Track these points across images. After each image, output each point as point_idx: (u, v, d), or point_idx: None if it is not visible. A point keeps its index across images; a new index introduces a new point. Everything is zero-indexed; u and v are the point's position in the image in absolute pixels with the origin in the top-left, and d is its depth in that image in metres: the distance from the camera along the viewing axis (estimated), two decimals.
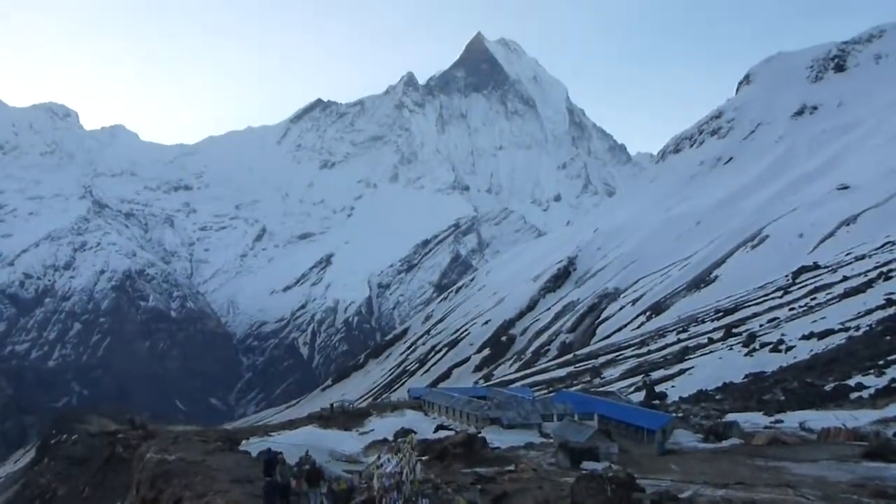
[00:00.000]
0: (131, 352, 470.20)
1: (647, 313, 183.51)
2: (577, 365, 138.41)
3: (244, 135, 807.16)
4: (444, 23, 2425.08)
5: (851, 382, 61.85)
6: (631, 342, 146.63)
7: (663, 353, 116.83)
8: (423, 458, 37.95)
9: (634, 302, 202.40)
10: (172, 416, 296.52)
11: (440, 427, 62.42)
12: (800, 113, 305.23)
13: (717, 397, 74.50)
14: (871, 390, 56.87)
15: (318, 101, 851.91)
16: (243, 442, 52.40)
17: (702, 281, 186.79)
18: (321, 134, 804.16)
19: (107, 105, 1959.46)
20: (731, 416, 54.68)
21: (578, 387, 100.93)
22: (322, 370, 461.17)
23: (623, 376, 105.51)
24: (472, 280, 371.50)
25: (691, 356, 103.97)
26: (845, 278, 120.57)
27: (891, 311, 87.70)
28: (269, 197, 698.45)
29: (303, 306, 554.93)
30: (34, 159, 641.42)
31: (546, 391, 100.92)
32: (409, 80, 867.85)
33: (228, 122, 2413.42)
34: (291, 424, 78.81)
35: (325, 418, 75.39)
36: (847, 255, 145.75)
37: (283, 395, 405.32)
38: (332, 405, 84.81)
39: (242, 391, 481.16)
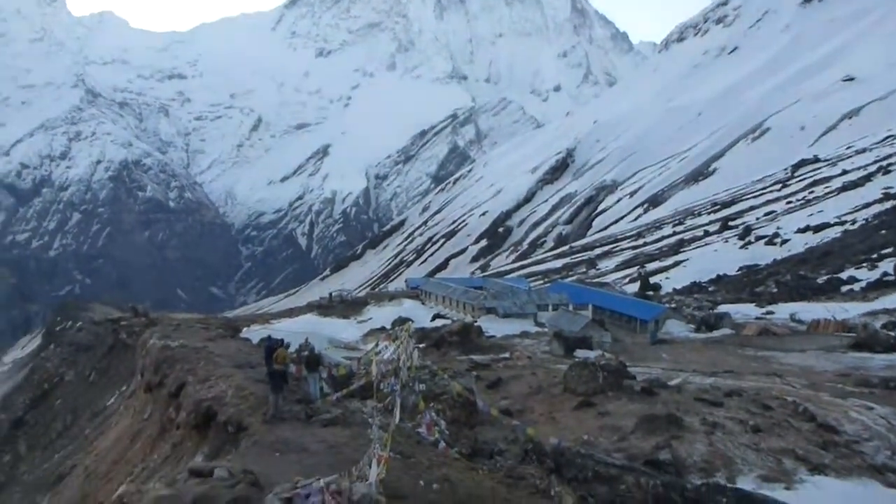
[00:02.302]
0: (131, 241, 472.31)
1: (645, 206, 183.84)
2: (573, 256, 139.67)
3: (237, 21, 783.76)
4: None
5: (844, 275, 62.60)
6: (627, 234, 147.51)
7: (659, 245, 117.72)
8: (421, 345, 38.86)
9: (632, 194, 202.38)
10: (174, 305, 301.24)
11: (437, 316, 63.59)
12: (808, 0, 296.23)
13: (711, 289, 75.57)
14: (863, 283, 57.65)
15: None
16: (244, 329, 53.43)
17: (700, 174, 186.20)
18: (316, 21, 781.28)
19: None
20: (723, 308, 55.63)
21: (574, 278, 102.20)
22: (320, 260, 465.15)
23: (618, 268, 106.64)
24: (469, 171, 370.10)
25: (687, 248, 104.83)
26: (844, 172, 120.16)
27: (888, 205, 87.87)
28: (264, 86, 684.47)
29: (300, 197, 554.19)
30: (23, 46, 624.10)
31: (542, 282, 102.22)
32: None
33: (221, 8, 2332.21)
34: (291, 313, 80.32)
35: (324, 307, 76.73)
36: (848, 148, 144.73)
37: (283, 285, 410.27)
38: (330, 294, 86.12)
39: (242, 280, 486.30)
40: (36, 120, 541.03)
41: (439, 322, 57.00)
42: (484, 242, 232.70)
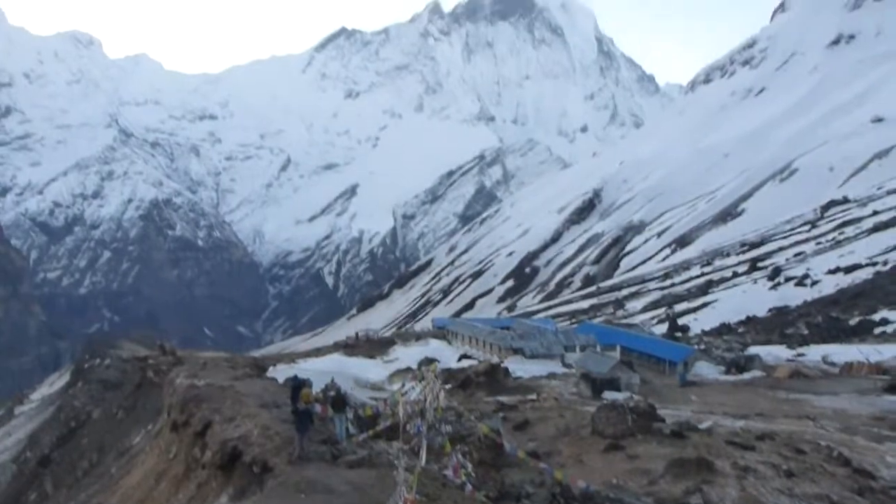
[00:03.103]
0: (160, 280, 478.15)
1: (673, 246, 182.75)
2: (600, 297, 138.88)
3: (268, 64, 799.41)
4: None
5: (876, 317, 61.58)
6: (655, 275, 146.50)
7: (687, 286, 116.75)
8: (447, 386, 38.66)
9: (660, 234, 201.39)
10: (201, 343, 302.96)
11: (464, 356, 63.31)
12: (836, 42, 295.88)
13: (740, 330, 74.61)
14: None
15: (343, 30, 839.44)
16: (270, 368, 53.57)
17: (728, 214, 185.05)
18: (346, 63, 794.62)
19: (129, 34, 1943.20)
20: (753, 349, 54.86)
21: (601, 318, 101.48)
22: (347, 300, 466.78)
23: (646, 309, 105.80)
24: (496, 211, 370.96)
25: (715, 289, 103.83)
26: (875, 213, 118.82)
27: None
28: (293, 126, 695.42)
29: (328, 236, 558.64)
30: (60, 88, 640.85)
31: (569, 322, 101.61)
32: (435, 8, 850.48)
33: (252, 51, 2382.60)
34: (317, 352, 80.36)
35: (351, 346, 76.72)
36: (878, 188, 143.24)
37: (309, 324, 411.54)
38: (357, 334, 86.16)
39: (269, 319, 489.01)
40: (70, 159, 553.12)
41: (466, 362, 56.76)
42: (511, 283, 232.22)
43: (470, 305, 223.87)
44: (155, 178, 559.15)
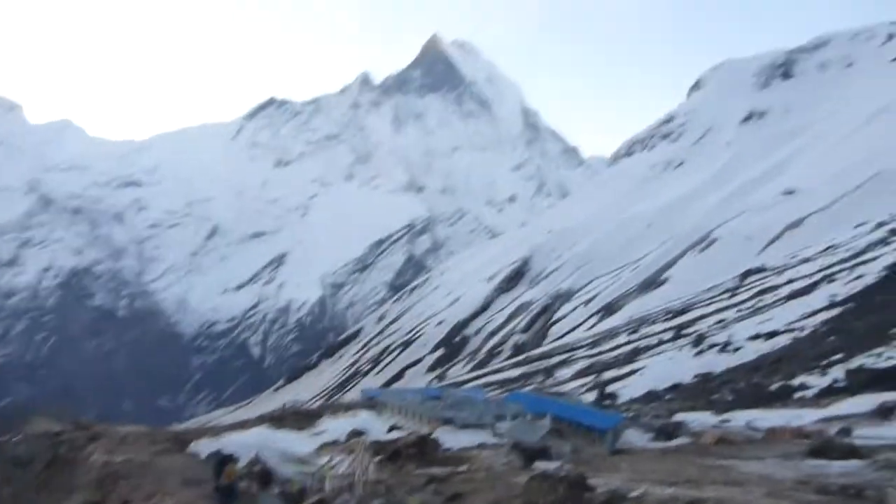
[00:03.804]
0: (77, 351, 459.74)
1: (600, 314, 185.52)
2: (530, 365, 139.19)
3: (197, 131, 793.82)
4: (400, 24, 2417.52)
5: (796, 382, 63.25)
6: (583, 342, 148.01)
7: (615, 353, 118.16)
8: (376, 458, 37.80)
9: (587, 303, 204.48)
10: (119, 417, 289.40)
11: (393, 428, 62.22)
12: (748, 119, 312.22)
13: (667, 397, 75.60)
14: (815, 390, 58.26)
15: (273, 100, 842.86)
16: (193, 443, 51.49)
17: (652, 282, 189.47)
18: (276, 132, 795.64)
19: (54, 100, 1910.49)
20: (680, 416, 55.53)
21: (531, 387, 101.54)
22: (274, 370, 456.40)
23: (575, 377, 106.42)
24: (426, 280, 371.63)
25: (642, 356, 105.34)
26: (791, 280, 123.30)
27: (834, 312, 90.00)
28: (221, 194, 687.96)
29: (255, 306, 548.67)
30: None
31: (499, 392, 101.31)
32: (365, 80, 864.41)
33: (181, 118, 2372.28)
34: (242, 425, 77.75)
35: (277, 419, 74.52)
36: (792, 257, 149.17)
37: (234, 396, 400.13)
38: (284, 406, 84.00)
39: (192, 392, 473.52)
40: None
41: (395, 434, 55.75)
42: (441, 351, 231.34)
43: (399, 375, 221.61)
44: (75, 245, 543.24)
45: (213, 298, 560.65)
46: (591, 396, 79.19)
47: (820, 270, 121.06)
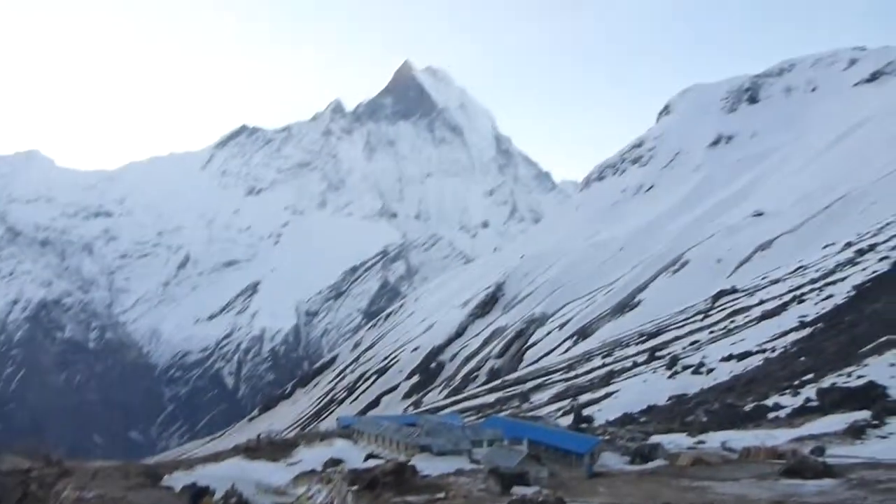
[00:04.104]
0: (46, 384, 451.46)
1: (574, 338, 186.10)
2: (505, 390, 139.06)
3: (167, 160, 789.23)
4: (371, 50, 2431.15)
5: (769, 402, 63.78)
6: (558, 366, 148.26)
7: (590, 376, 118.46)
8: (353, 487, 37.52)
9: (561, 327, 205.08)
10: (90, 452, 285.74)
11: (370, 456, 61.72)
12: (716, 142, 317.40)
13: (642, 419, 75.83)
14: (788, 409, 58.82)
15: (244, 128, 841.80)
16: (166, 477, 50.69)
17: (626, 305, 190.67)
18: (247, 160, 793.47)
19: (19, 130, 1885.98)
20: (655, 438, 55.72)
21: (507, 412, 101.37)
22: (248, 400, 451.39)
23: (551, 400, 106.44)
24: (400, 307, 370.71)
25: (617, 379, 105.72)
26: (762, 301, 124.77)
27: (804, 332, 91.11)
28: (193, 223, 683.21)
29: (228, 335, 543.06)
30: None
31: (475, 417, 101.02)
32: (337, 108, 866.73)
33: (151, 147, 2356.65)
34: (217, 457, 76.63)
35: (252, 450, 73.60)
36: (763, 279, 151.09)
37: (208, 427, 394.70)
38: (258, 436, 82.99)
39: (165, 424, 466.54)
40: None
41: (372, 462, 55.29)
42: (416, 378, 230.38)
43: (375, 403, 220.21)
44: (44, 277, 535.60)
45: (186, 328, 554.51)
46: (567, 420, 79.23)
47: (790, 291, 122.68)
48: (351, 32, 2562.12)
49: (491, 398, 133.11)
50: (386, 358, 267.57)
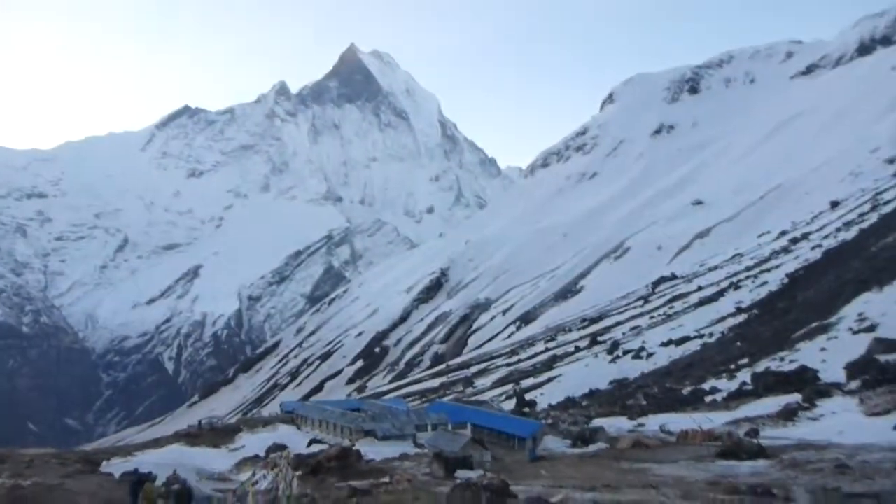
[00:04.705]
0: None
1: (517, 323, 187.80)
2: (449, 375, 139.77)
3: (106, 140, 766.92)
4: (317, 33, 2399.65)
5: (706, 386, 65.38)
6: (502, 352, 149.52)
7: (533, 361, 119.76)
8: (298, 472, 37.31)
9: (505, 312, 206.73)
10: (24, 439, 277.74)
11: (313, 441, 61.47)
12: (658, 132, 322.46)
13: (584, 403, 77.02)
14: (724, 393, 60.35)
15: (186, 108, 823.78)
16: (104, 463, 49.67)
17: (568, 291, 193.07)
18: (189, 142, 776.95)
19: None
20: (597, 422, 56.67)
21: (451, 396, 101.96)
22: (189, 386, 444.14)
23: (495, 385, 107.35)
24: (345, 292, 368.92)
25: (559, 364, 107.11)
26: (700, 288, 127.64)
27: (741, 318, 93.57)
28: (132, 206, 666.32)
29: (168, 320, 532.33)
30: None
31: (420, 402, 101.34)
32: (282, 89, 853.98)
33: (88, 127, 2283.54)
34: (156, 443, 75.38)
35: (193, 436, 72.59)
36: (701, 266, 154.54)
37: (147, 414, 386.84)
38: (199, 422, 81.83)
39: (102, 410, 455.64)
40: None
41: (316, 447, 55.07)
42: (360, 363, 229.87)
43: (319, 388, 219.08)
44: None
45: (124, 313, 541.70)
46: (510, 404, 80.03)
47: (727, 278, 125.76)
48: (296, 15, 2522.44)
49: (435, 383, 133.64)
50: (330, 343, 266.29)
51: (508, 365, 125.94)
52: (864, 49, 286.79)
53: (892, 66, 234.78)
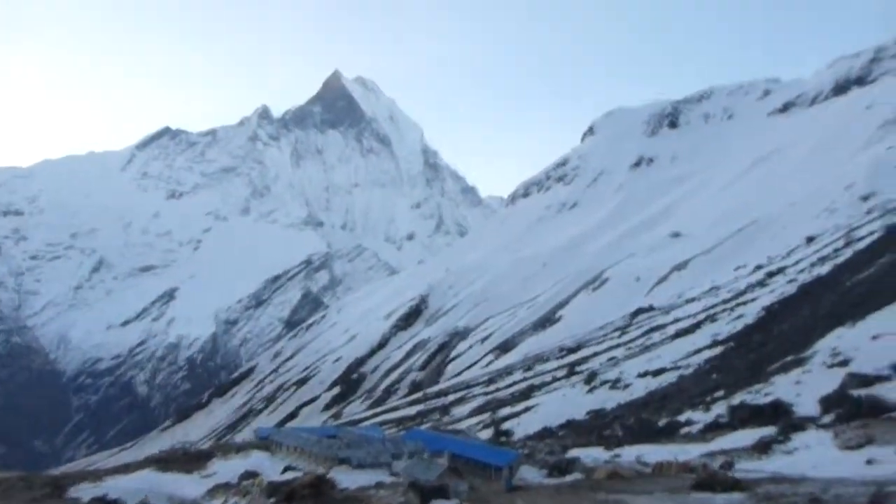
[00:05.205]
0: None
1: (496, 352, 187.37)
2: (426, 403, 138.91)
3: (85, 160, 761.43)
4: (301, 58, 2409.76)
5: (682, 418, 65.37)
6: (479, 380, 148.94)
7: (510, 390, 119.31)
8: (271, 500, 36.85)
9: (483, 340, 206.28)
10: None
11: (288, 468, 60.68)
12: (637, 164, 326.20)
13: (561, 433, 76.74)
14: (700, 425, 60.40)
15: (167, 129, 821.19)
16: (71, 489, 48.77)
17: (547, 321, 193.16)
18: (169, 163, 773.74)
19: None
20: (573, 452, 56.50)
21: (428, 425, 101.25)
22: (161, 410, 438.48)
23: (472, 414, 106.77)
24: (323, 317, 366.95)
25: (537, 394, 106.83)
26: (677, 320, 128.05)
27: (717, 350, 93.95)
28: (109, 226, 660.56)
29: (142, 342, 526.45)
30: None
31: (396, 429, 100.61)
32: (264, 113, 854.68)
33: (68, 145, 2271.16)
34: (126, 468, 74.15)
35: (164, 461, 71.52)
36: (678, 297, 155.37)
37: (118, 438, 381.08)
38: (172, 447, 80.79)
39: (71, 433, 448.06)
40: None
41: (290, 474, 54.38)
42: (337, 389, 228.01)
43: (294, 414, 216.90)
44: None
45: (97, 335, 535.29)
46: (487, 433, 79.65)
47: (704, 310, 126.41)
48: (281, 39, 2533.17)
49: (412, 411, 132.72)
50: (306, 368, 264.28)
51: (486, 394, 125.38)
52: (840, 88, 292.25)
53: (867, 106, 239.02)
